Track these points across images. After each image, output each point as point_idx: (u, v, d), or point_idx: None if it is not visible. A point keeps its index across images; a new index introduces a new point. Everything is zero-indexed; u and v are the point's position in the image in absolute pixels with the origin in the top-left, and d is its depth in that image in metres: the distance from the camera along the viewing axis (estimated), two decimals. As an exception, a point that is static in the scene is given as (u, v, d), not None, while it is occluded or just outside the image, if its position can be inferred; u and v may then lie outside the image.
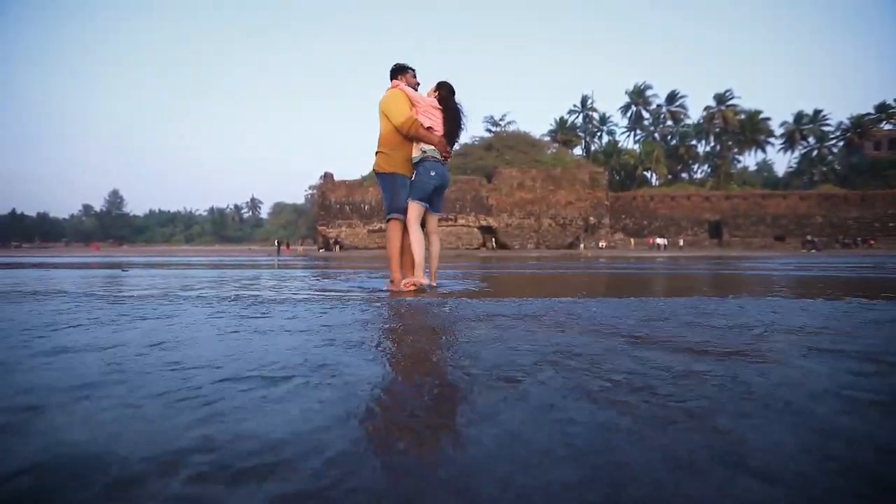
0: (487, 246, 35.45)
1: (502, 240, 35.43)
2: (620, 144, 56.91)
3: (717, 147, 54.49)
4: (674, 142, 56.66)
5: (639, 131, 59.32)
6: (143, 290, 3.27)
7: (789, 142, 55.93)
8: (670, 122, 57.46)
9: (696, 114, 69.73)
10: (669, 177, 53.22)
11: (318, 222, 36.88)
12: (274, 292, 3.08)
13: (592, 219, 36.94)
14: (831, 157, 55.45)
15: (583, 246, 35.12)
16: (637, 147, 55.97)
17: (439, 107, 3.27)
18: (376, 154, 3.33)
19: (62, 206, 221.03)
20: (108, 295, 2.85)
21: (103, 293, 2.98)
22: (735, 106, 52.27)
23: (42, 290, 3.21)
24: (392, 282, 3.21)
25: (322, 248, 36.12)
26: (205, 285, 3.67)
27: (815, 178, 54.15)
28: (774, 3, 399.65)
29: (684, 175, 56.05)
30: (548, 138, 51.15)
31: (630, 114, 58.72)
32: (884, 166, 45.83)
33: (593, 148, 58.25)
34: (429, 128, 3.21)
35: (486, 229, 35.70)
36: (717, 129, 52.99)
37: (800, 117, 54.93)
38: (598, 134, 60.41)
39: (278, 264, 8.94)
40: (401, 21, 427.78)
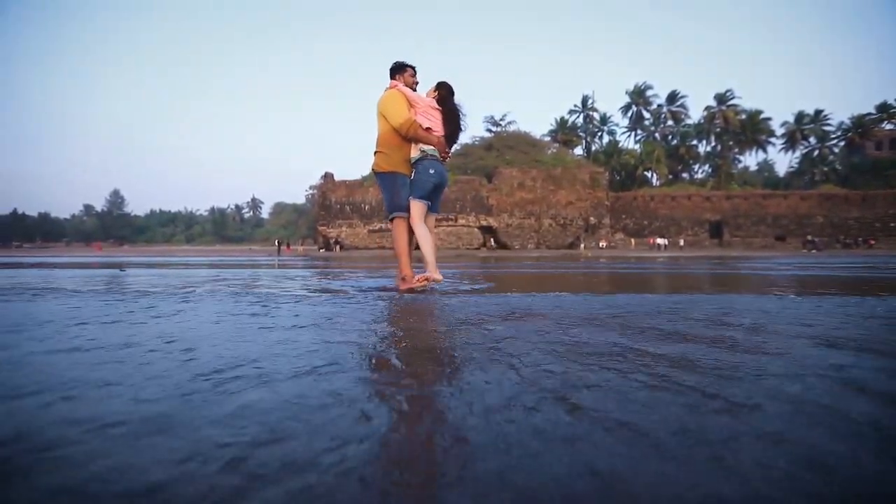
0: (488, 246, 35.46)
1: (502, 240, 35.43)
2: (621, 144, 56.90)
3: (718, 147, 54.44)
4: (674, 142, 56.59)
5: (639, 131, 59.33)
6: (152, 287, 3.28)
7: (790, 142, 55.89)
8: (671, 122, 57.43)
9: (696, 114, 69.66)
10: (670, 177, 53.18)
11: (319, 222, 36.89)
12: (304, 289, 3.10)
13: (593, 219, 36.93)
14: (832, 157, 55.39)
15: (583, 246, 35.10)
16: (637, 147, 55.91)
17: (438, 107, 3.26)
18: (375, 154, 3.35)
19: (63, 206, 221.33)
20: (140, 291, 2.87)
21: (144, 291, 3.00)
22: (736, 106, 52.23)
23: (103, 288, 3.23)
24: (403, 279, 3.16)
25: (322, 248, 36.13)
26: (264, 286, 3.68)
27: (816, 178, 54.09)
28: (774, 3, 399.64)
29: (685, 175, 56.01)
30: (548, 138, 51.17)
31: (630, 114, 58.73)
32: (885, 166, 45.75)
33: (594, 148, 58.22)
34: (428, 128, 3.21)
35: (486, 229, 35.69)
36: (718, 129, 52.95)
37: (801, 117, 54.88)
38: (599, 134, 60.44)
39: (279, 264, 8.95)
40: (401, 21, 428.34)
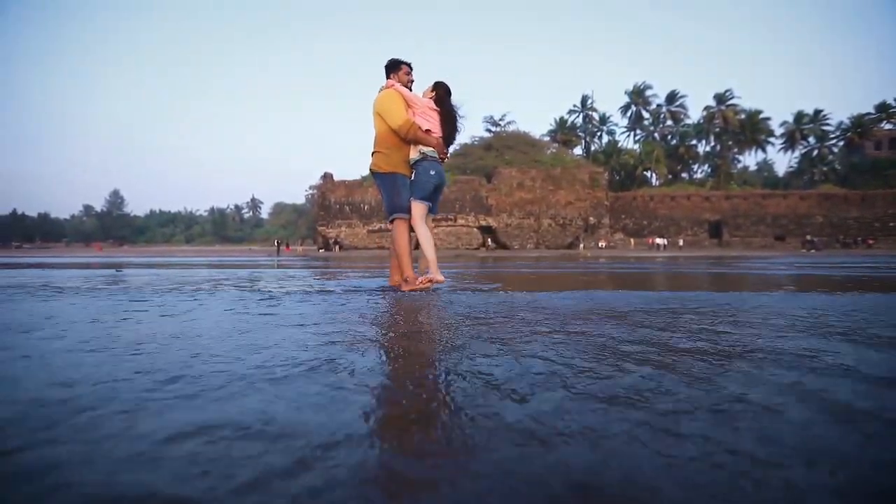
0: (487, 246, 35.47)
1: (502, 240, 35.43)
2: (620, 144, 56.91)
3: (718, 147, 54.46)
4: (674, 142, 56.61)
5: (639, 131, 59.31)
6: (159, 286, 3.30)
7: (789, 141, 55.91)
8: (670, 122, 57.43)
9: (696, 114, 69.92)
10: (669, 177, 53.20)
11: (318, 222, 36.89)
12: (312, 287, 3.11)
13: (592, 219, 36.94)
14: (832, 157, 55.40)
15: (582, 246, 35.12)
16: (637, 147, 55.94)
17: (436, 108, 3.24)
18: (373, 154, 3.29)
19: (63, 206, 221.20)
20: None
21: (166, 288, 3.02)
22: (735, 106, 52.24)
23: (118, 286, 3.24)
24: (406, 280, 3.14)
25: (322, 249, 36.13)
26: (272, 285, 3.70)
27: (815, 178, 54.13)
28: (774, 3, 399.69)
29: (684, 175, 56.00)
30: (548, 138, 51.18)
31: (630, 114, 58.71)
32: (884, 166, 45.77)
33: (593, 148, 58.25)
34: (427, 130, 3.18)
35: (485, 229, 35.70)
36: (718, 129, 52.96)
37: (800, 117, 54.88)
38: (598, 134, 60.45)
39: (279, 264, 8.97)
40: (401, 21, 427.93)
